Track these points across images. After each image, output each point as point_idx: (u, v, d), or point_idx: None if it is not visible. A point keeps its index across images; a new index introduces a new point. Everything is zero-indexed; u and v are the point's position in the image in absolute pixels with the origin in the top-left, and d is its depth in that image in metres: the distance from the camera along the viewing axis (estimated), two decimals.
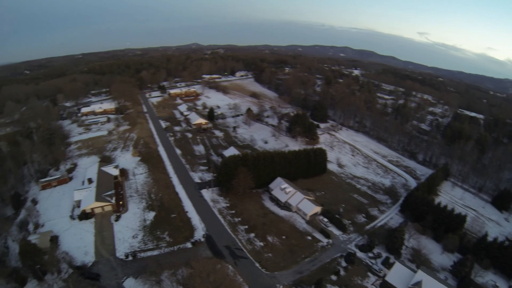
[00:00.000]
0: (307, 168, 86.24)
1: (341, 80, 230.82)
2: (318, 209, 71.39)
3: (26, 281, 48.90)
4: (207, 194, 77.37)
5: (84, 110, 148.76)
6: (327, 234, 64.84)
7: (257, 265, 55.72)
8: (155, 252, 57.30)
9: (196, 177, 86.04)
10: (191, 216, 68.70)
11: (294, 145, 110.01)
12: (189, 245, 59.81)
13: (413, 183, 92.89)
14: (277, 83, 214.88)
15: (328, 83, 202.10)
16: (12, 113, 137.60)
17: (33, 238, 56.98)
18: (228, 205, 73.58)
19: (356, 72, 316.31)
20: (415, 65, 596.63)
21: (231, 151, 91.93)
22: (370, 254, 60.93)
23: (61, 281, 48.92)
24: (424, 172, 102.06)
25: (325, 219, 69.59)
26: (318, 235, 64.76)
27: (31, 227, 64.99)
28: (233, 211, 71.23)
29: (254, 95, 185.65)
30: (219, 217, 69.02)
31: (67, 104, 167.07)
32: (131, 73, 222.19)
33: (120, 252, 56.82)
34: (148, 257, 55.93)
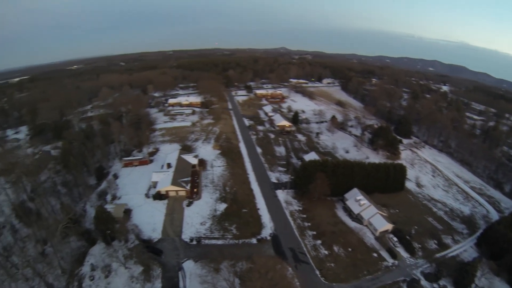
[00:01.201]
0: (385, 183, 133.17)
1: (428, 96, 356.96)
2: (389, 226, 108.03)
3: (95, 243, 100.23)
4: (282, 195, 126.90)
5: (171, 101, 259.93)
6: (394, 254, 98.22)
7: (317, 272, 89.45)
8: (220, 242, 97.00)
9: (273, 177, 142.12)
10: (262, 214, 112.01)
11: (375, 157, 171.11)
12: (254, 241, 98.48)
13: (495, 216, 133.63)
14: (363, 93, 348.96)
15: (414, 98, 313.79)
16: (106, 98, 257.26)
17: (109, 207, 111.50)
18: (300, 208, 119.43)
19: (445, 88, 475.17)
20: (511, 84, 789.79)
21: (311, 156, 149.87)
22: (435, 285, 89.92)
23: (126, 249, 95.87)
24: (509, 205, 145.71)
25: (395, 238, 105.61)
26: (385, 254, 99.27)
27: (109, 197, 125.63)
28: (305, 215, 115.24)
29: (339, 103, 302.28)
30: (290, 219, 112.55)
31: (156, 94, 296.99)
32: (218, 71, 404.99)
33: (186, 235, 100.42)
34: (212, 245, 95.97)
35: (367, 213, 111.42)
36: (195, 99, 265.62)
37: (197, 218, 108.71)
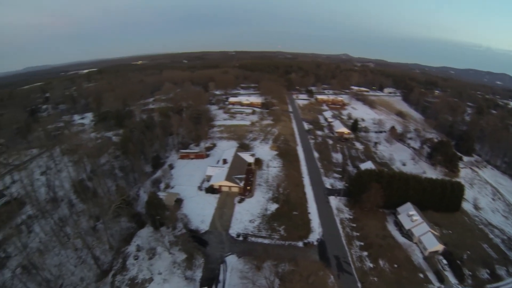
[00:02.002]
0: (440, 201, 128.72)
1: (494, 112, 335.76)
2: (440, 247, 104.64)
3: (144, 226, 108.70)
4: (334, 201, 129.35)
5: (232, 99, 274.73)
6: (441, 278, 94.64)
7: (359, 285, 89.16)
8: (266, 241, 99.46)
9: (328, 182, 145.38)
10: (312, 218, 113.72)
11: (432, 173, 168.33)
12: (300, 244, 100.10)
13: None
14: (424, 105, 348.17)
15: (479, 113, 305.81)
16: (168, 92, 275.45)
17: (161, 195, 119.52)
18: (351, 217, 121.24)
19: None
20: None
21: (367, 165, 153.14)
22: None
23: (173, 236, 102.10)
24: None
25: (444, 261, 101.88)
26: (432, 276, 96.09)
27: (162, 185, 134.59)
28: (354, 225, 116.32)
29: (399, 114, 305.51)
30: (339, 226, 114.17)
31: (217, 92, 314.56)
32: (280, 74, 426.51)
33: (233, 231, 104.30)
34: (257, 243, 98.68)
35: (418, 230, 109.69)
36: (256, 99, 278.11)
37: (246, 215, 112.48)
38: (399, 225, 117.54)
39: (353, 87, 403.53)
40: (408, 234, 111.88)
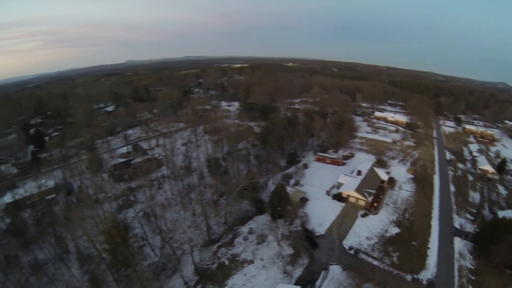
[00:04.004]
0: None
1: None
2: None
3: (263, 213, 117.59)
4: (459, 244, 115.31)
5: (377, 114, 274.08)
6: None
7: None
8: (375, 263, 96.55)
9: (458, 222, 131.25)
10: (430, 255, 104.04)
11: None
12: (409, 278, 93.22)
13: None
14: None
15: None
16: (315, 96, 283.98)
17: (289, 189, 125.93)
18: (472, 267, 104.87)
19: None
20: None
21: (507, 214, 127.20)
22: None
23: (288, 230, 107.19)
24: None
25: None
26: None
27: (292, 181, 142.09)
28: (473, 277, 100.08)
29: None
30: (456, 273, 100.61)
31: (363, 104, 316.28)
32: (429, 95, 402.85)
33: (347, 242, 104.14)
34: (366, 261, 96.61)
35: None
36: (401, 118, 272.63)
37: (365, 231, 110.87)
38: None
39: (507, 121, 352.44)
40: None
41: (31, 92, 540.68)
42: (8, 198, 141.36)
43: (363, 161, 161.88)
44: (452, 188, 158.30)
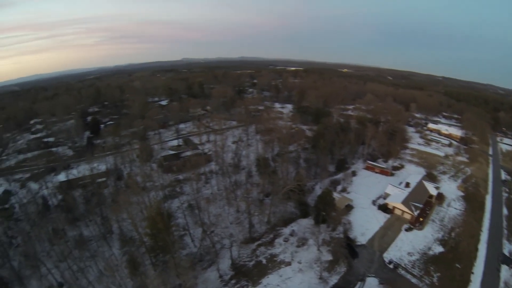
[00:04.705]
0: None
1: None
2: None
3: (307, 216, 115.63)
4: (506, 273, 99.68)
5: (431, 126, 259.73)
6: None
7: None
8: (414, 280, 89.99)
9: (507, 248, 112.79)
10: (472, 280, 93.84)
11: None
12: None
13: None
14: None
15: None
16: (369, 103, 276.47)
17: (335, 195, 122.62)
18: None
19: None
20: None
21: None
22: None
23: (329, 236, 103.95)
24: None
25: None
26: None
27: (339, 188, 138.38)
28: None
29: None
30: None
31: (417, 115, 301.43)
32: (487, 109, 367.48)
33: (388, 255, 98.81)
34: (405, 278, 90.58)
35: None
36: (456, 131, 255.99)
37: (407, 246, 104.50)
38: None
39: None
40: None
41: (91, 83, 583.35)
42: (62, 177, 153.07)
43: (413, 173, 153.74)
44: (505, 211, 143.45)
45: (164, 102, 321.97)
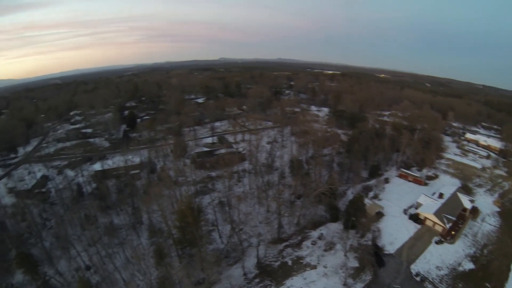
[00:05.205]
0: None
1: None
2: None
3: (336, 221, 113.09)
4: None
5: (469, 136, 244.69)
6: None
7: None
8: None
9: None
10: None
11: None
12: None
13: None
14: None
15: None
16: (405, 110, 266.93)
17: (366, 201, 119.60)
18: None
19: None
20: None
21: None
22: None
23: (357, 242, 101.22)
24: None
25: None
26: None
27: (371, 194, 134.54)
28: None
29: None
30: None
31: (454, 124, 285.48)
32: None
33: (415, 267, 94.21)
34: None
35: None
36: (495, 143, 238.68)
37: (436, 260, 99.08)
38: None
39: None
40: None
41: (129, 79, 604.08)
42: (97, 166, 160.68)
43: (447, 184, 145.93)
44: None
45: (200, 100, 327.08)
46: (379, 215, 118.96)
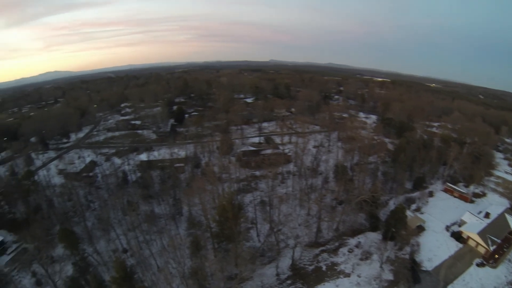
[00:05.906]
0: None
1: None
2: None
3: (376, 231, 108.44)
4: None
5: None
6: None
7: None
8: None
9: None
10: None
11: None
12: None
13: None
14: None
15: None
16: (455, 122, 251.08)
17: (408, 213, 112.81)
18: None
19: None
20: None
21: None
22: None
23: (395, 254, 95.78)
24: None
25: None
26: None
27: (414, 206, 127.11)
28: None
29: None
30: None
31: (508, 140, 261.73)
32: None
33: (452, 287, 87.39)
34: None
35: None
36: None
37: (476, 283, 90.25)
38: None
39: None
40: None
41: (179, 75, 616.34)
42: (143, 157, 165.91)
43: (495, 203, 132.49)
44: None
45: (249, 100, 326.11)
46: (420, 229, 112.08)
